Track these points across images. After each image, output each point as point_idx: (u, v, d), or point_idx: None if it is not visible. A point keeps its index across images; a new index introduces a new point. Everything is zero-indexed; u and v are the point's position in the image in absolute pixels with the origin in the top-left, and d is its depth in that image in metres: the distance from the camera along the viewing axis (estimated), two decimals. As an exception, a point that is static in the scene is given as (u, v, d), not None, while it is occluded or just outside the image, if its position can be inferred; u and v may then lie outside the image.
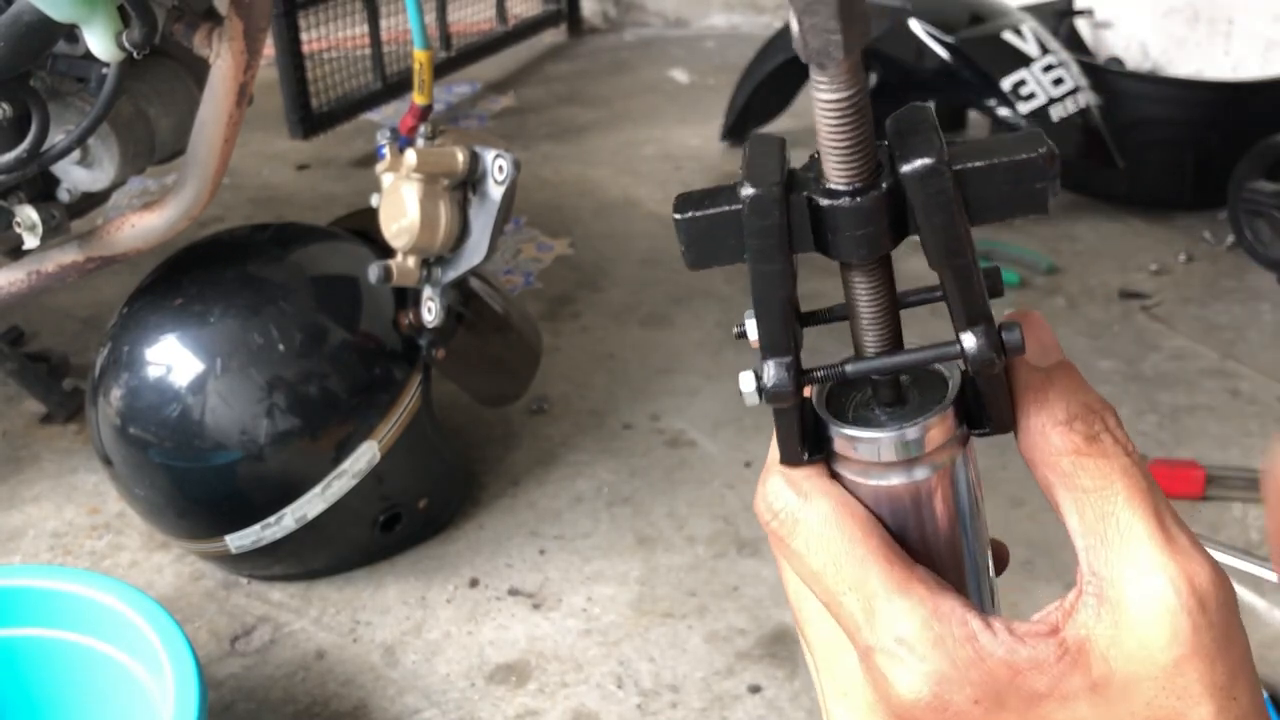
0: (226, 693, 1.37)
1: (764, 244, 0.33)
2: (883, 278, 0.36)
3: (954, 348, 0.35)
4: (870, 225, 0.33)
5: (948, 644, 0.34)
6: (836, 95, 0.31)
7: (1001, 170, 0.32)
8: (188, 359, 1.41)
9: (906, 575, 0.36)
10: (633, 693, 1.35)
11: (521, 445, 1.80)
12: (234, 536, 1.45)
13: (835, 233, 0.33)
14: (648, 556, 1.57)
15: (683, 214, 0.34)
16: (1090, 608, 0.35)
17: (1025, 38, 2.40)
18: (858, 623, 0.36)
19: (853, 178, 0.33)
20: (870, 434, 0.36)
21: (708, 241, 0.34)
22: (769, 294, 0.34)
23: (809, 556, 0.37)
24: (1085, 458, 0.35)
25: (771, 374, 0.35)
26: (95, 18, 1.16)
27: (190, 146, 1.36)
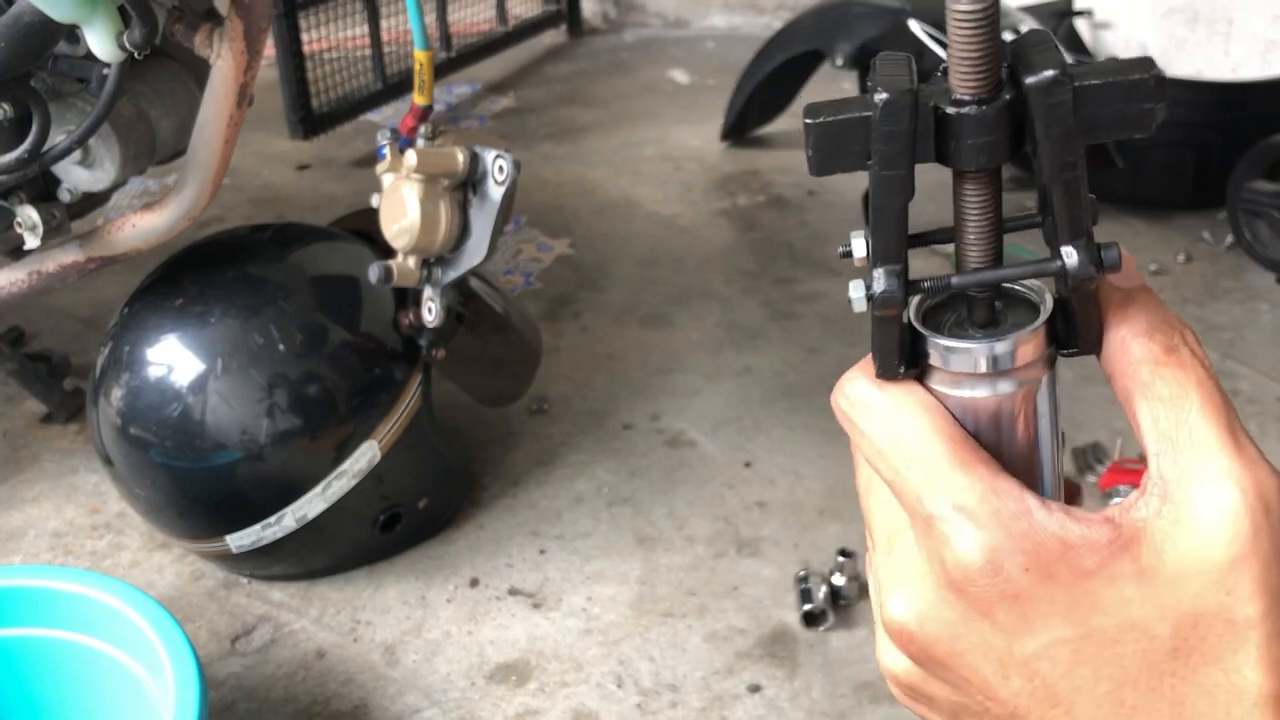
0: (227, 692, 1.37)
1: (892, 149, 0.35)
2: (994, 191, 0.37)
3: (1054, 263, 0.36)
4: (993, 134, 0.35)
5: (1004, 516, 0.36)
6: (971, 6, 0.34)
7: (1117, 89, 0.34)
8: (188, 359, 1.41)
9: (971, 455, 0.38)
10: (632, 692, 1.35)
11: (522, 445, 1.80)
12: (234, 536, 1.45)
13: (959, 140, 0.35)
14: (648, 556, 1.57)
15: (814, 119, 0.35)
16: (1152, 504, 0.36)
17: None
18: (919, 494, 0.37)
19: (979, 88, 0.34)
20: (965, 344, 0.38)
21: (835, 147, 0.35)
22: (890, 200, 0.36)
23: (878, 436, 0.39)
24: (1163, 367, 0.37)
25: (881, 281, 0.37)
26: (96, 18, 1.16)
27: (191, 147, 1.36)
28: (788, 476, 1.71)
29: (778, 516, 1.63)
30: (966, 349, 0.38)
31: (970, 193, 0.37)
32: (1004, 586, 0.36)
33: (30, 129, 1.28)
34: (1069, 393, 0.43)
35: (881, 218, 0.36)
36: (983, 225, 0.38)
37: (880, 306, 0.37)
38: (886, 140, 0.34)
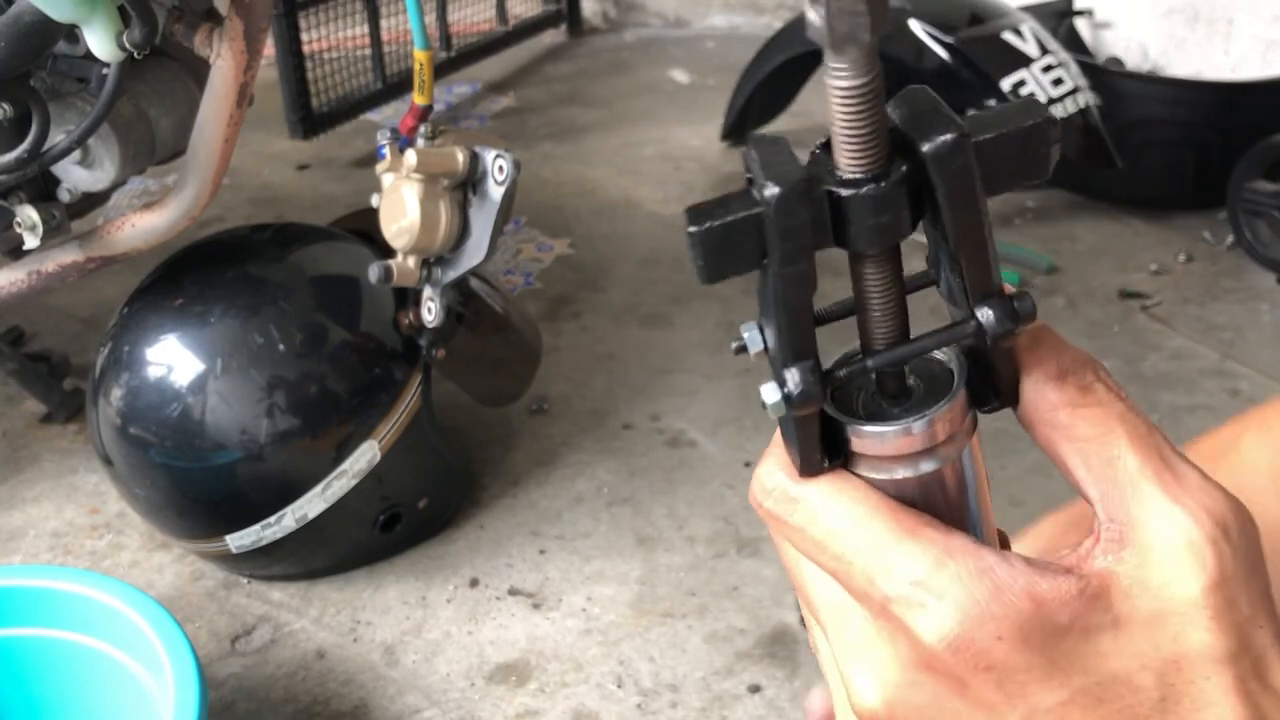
0: (227, 692, 1.37)
1: (792, 245, 0.32)
2: (895, 266, 0.36)
3: (969, 325, 0.35)
4: (891, 211, 0.33)
5: (965, 580, 0.33)
6: (856, 81, 0.31)
7: (1013, 139, 0.33)
8: (188, 359, 1.41)
9: (914, 522, 0.35)
10: (632, 692, 1.35)
11: (522, 445, 1.80)
12: (234, 536, 1.45)
13: (854, 223, 0.33)
14: (648, 556, 1.57)
15: (699, 226, 0.32)
16: (1110, 549, 0.34)
17: (1025, 38, 2.40)
18: (869, 576, 0.35)
19: (870, 165, 0.32)
20: (889, 427, 0.36)
21: (725, 251, 0.33)
22: (794, 297, 0.34)
23: (810, 527, 0.36)
24: (1082, 408, 0.35)
25: (797, 380, 0.34)
26: (95, 18, 1.16)
27: (190, 147, 1.36)
28: (788, 476, 1.71)
29: (778, 516, 1.63)
30: (891, 431, 0.36)
31: (872, 273, 0.35)
32: (977, 659, 0.33)
33: (30, 129, 1.28)
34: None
35: (789, 315, 0.34)
36: (888, 301, 0.36)
37: (800, 406, 0.34)
38: (785, 236, 0.32)
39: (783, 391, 0.35)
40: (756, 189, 0.32)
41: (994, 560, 0.34)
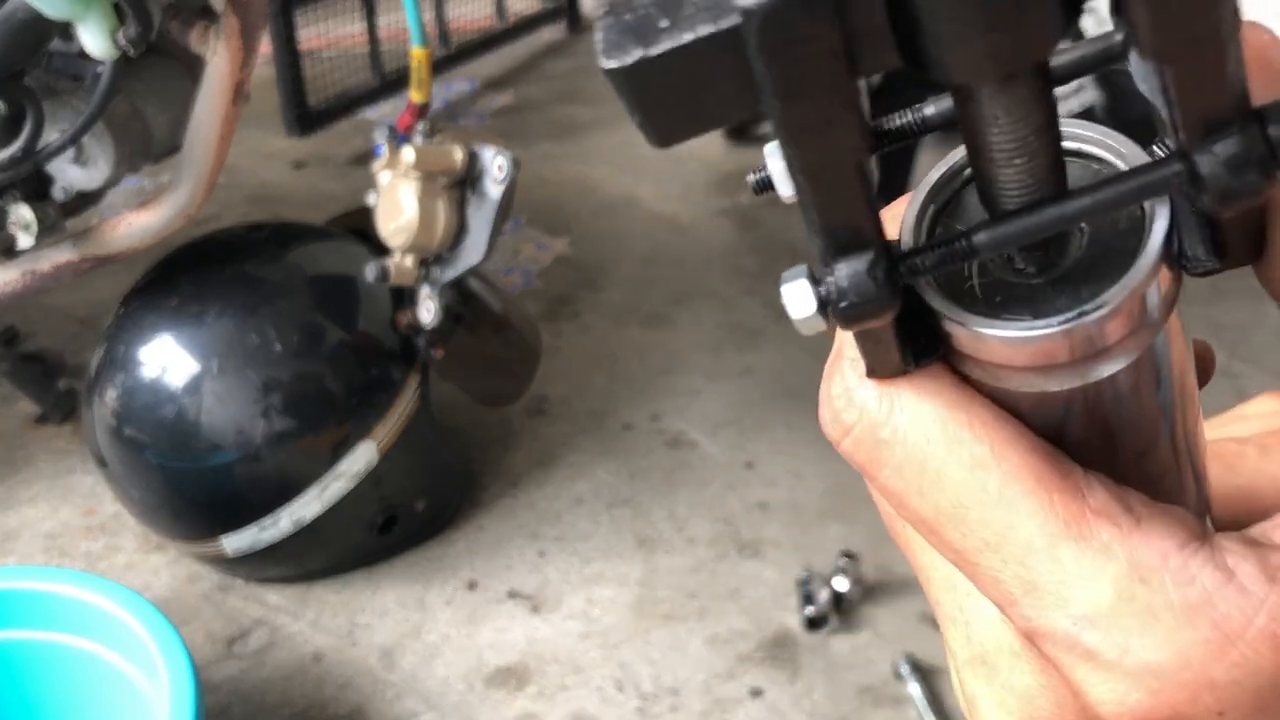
0: (223, 696, 1.36)
1: (806, 70, 0.19)
2: (1032, 91, 0.22)
3: (1174, 170, 0.21)
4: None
5: (1166, 621, 0.22)
6: None
7: None
8: (184, 359, 1.40)
9: (1078, 505, 0.23)
10: (633, 696, 1.34)
11: (521, 446, 1.79)
12: (230, 538, 1.44)
13: (940, 25, 0.18)
14: (648, 558, 1.56)
15: (620, 59, 0.20)
16: None
17: (1027, 35, 2.39)
18: (1013, 596, 0.23)
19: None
20: (1033, 329, 0.23)
21: (688, 93, 0.20)
22: (829, 155, 0.20)
23: (912, 498, 0.24)
24: None
25: (845, 279, 0.22)
26: (90, 15, 1.14)
27: (186, 145, 1.35)
28: (789, 477, 1.70)
29: (779, 518, 1.62)
30: (1037, 334, 0.22)
31: (989, 114, 0.22)
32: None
33: (24, 127, 1.26)
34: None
35: (822, 183, 0.21)
36: (1021, 142, 0.22)
37: (850, 320, 0.22)
38: (791, 61, 0.19)
39: (819, 294, 0.22)
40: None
41: (1213, 576, 0.22)
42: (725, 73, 0.19)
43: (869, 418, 0.24)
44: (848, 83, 0.19)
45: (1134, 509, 0.23)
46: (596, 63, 0.19)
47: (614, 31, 0.20)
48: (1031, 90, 0.21)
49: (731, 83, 0.19)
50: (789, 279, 0.22)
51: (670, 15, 0.19)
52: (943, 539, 0.24)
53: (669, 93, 0.20)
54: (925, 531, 0.25)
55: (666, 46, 0.19)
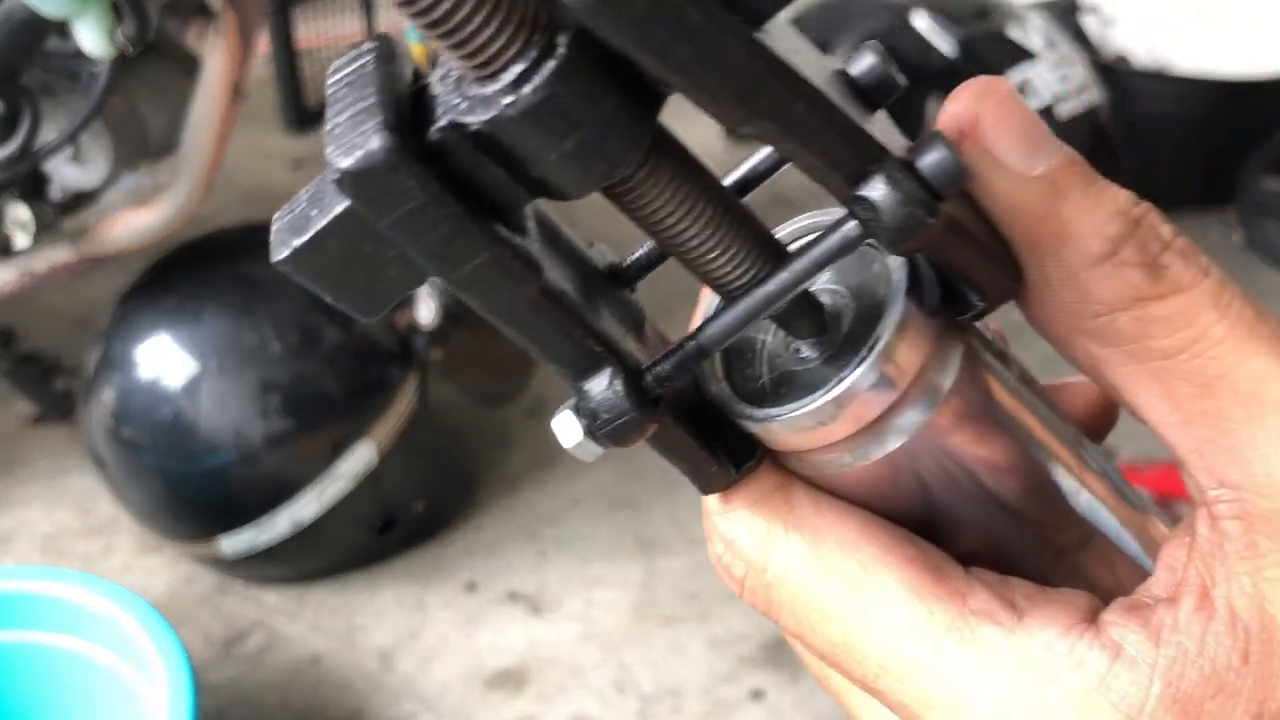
0: (221, 698, 1.35)
1: (435, 240, 0.20)
2: (676, 177, 0.23)
3: (849, 224, 0.22)
4: (584, 119, 0.19)
5: (1067, 712, 0.22)
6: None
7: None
8: (181, 359, 1.39)
9: (957, 609, 0.23)
10: (633, 698, 1.33)
11: (520, 446, 1.78)
12: (228, 539, 1.43)
13: (535, 164, 0.20)
14: (648, 560, 1.55)
15: (288, 249, 0.21)
16: (1239, 540, 0.22)
17: (1031, 34, 2.38)
18: (917, 714, 0.24)
19: (498, 57, 0.19)
20: (798, 409, 0.23)
21: (359, 270, 0.21)
22: (502, 301, 0.22)
23: (809, 635, 0.25)
24: (1152, 304, 0.22)
25: (594, 400, 0.23)
26: (87, 13, 1.14)
27: (183, 144, 1.34)
28: (790, 478, 1.69)
29: (780, 519, 1.61)
30: (812, 409, 0.23)
31: (642, 199, 0.23)
32: None
33: (20, 126, 1.26)
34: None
35: (521, 325, 0.22)
36: (705, 233, 0.23)
37: (617, 439, 0.23)
38: (410, 230, 0.20)
39: (586, 423, 0.23)
40: (331, 170, 0.20)
41: (1100, 657, 0.22)
42: (382, 246, 0.20)
43: (754, 566, 0.25)
44: (476, 228, 0.20)
45: (1016, 603, 0.23)
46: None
47: (280, 230, 0.21)
48: (673, 168, 0.22)
49: (397, 255, 0.20)
50: (559, 411, 0.23)
51: (318, 204, 0.21)
52: (848, 671, 0.24)
53: (340, 271, 0.21)
54: (832, 665, 0.25)
55: (310, 234, 0.20)
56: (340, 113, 0.20)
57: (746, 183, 0.26)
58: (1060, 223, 0.22)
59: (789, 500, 0.25)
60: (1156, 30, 2.95)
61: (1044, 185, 0.22)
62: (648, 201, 0.23)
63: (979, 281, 0.23)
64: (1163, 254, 0.22)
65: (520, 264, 0.21)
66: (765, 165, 0.26)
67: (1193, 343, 0.22)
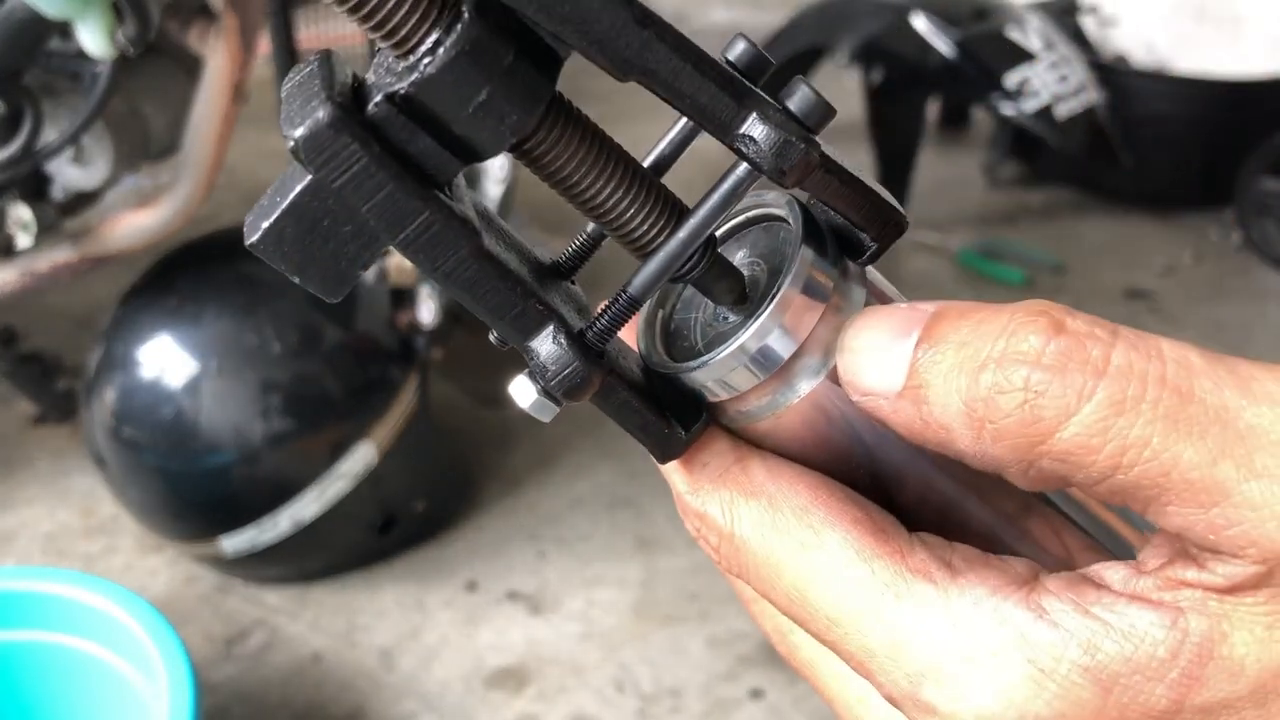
0: (222, 697, 1.35)
1: (382, 199, 0.23)
2: (583, 138, 0.25)
3: (741, 167, 0.25)
4: (488, 73, 0.23)
5: (988, 663, 0.23)
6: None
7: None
8: (182, 359, 1.39)
9: (896, 567, 0.25)
10: (633, 697, 1.34)
11: (520, 447, 1.78)
12: (229, 539, 1.43)
13: (456, 121, 0.23)
14: (648, 560, 1.55)
15: (257, 231, 0.24)
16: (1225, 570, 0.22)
17: (1030, 35, 2.38)
18: (861, 663, 0.26)
19: (414, 31, 0.23)
20: (717, 355, 0.26)
21: (320, 246, 0.24)
22: (446, 259, 0.24)
23: (770, 592, 0.27)
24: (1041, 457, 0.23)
25: (541, 356, 0.25)
26: (89, 14, 1.14)
27: (185, 144, 1.34)
28: (790, 478, 1.69)
29: (780, 519, 1.61)
30: (732, 353, 0.25)
31: (557, 165, 0.25)
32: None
33: (22, 127, 1.26)
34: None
35: (465, 284, 0.24)
36: (614, 191, 0.26)
37: (569, 393, 0.25)
38: (360, 190, 0.23)
39: (538, 383, 0.26)
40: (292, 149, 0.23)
41: (1024, 616, 0.23)
42: (338, 218, 0.23)
43: (723, 535, 0.27)
44: (429, 196, 0.23)
45: (953, 564, 0.25)
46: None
47: (251, 219, 0.24)
48: (577, 132, 0.25)
49: (351, 225, 0.23)
50: (512, 382, 0.26)
51: (281, 192, 0.24)
52: (805, 624, 0.26)
53: (304, 248, 0.24)
54: (793, 620, 0.27)
55: (275, 214, 0.23)
56: (291, 103, 0.23)
57: (659, 165, 0.29)
58: (931, 424, 0.24)
59: (746, 471, 0.27)
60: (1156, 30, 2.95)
61: (911, 394, 0.24)
62: (560, 163, 0.25)
63: (867, 222, 0.26)
64: (1028, 394, 0.23)
65: (459, 223, 0.24)
66: (671, 148, 0.30)
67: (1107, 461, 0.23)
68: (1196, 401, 0.22)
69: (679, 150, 0.29)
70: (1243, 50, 2.79)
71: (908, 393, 0.24)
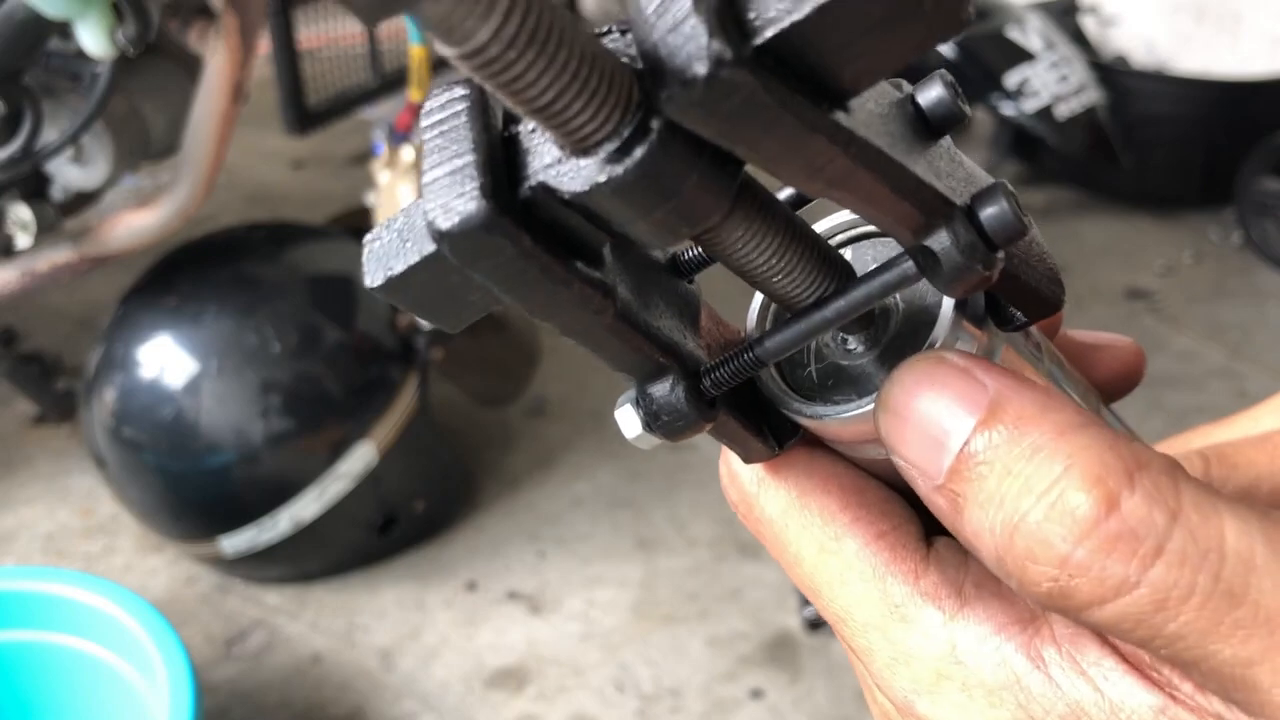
0: (222, 697, 1.35)
1: (522, 284, 0.22)
2: (756, 220, 0.24)
3: (906, 265, 0.23)
4: (673, 190, 0.21)
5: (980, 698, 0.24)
6: (467, 47, 0.19)
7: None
8: (182, 359, 1.39)
9: (908, 590, 0.26)
10: (633, 697, 1.34)
11: (520, 447, 1.78)
12: (229, 539, 1.43)
13: (618, 223, 0.22)
14: (648, 559, 1.55)
15: (382, 277, 0.23)
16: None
17: (1030, 35, 2.38)
18: (864, 659, 0.27)
19: (596, 131, 0.20)
20: (851, 410, 0.25)
21: (445, 297, 0.23)
22: (579, 326, 0.23)
23: (786, 567, 0.28)
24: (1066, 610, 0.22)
25: (657, 403, 0.25)
26: (89, 14, 1.14)
27: (185, 144, 1.34)
28: (790, 478, 1.69)
29: (780, 519, 1.61)
30: (852, 415, 0.25)
31: (726, 245, 0.24)
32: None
33: (22, 127, 1.26)
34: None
35: (595, 343, 0.24)
36: (781, 263, 0.25)
37: (672, 434, 0.25)
38: (499, 278, 0.22)
39: (645, 417, 0.25)
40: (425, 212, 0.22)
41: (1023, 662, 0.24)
42: (469, 281, 0.23)
43: (745, 502, 0.28)
44: (561, 272, 0.22)
45: (963, 590, 0.25)
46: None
47: (370, 258, 0.24)
48: (749, 232, 0.24)
49: (481, 287, 0.23)
50: (620, 404, 0.26)
51: (409, 238, 0.23)
52: (816, 604, 0.28)
53: (427, 297, 0.23)
54: (810, 596, 0.28)
55: (398, 270, 0.23)
56: (437, 164, 0.21)
57: (802, 196, 0.27)
58: (962, 534, 0.24)
59: (785, 460, 0.28)
60: (1156, 30, 2.95)
61: (948, 496, 0.23)
62: (726, 243, 0.24)
63: (1023, 305, 0.26)
64: (1062, 574, 0.22)
65: (599, 296, 0.23)
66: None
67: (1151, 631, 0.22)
68: (1249, 605, 0.21)
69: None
70: (1243, 50, 2.79)
71: (945, 492, 0.23)
